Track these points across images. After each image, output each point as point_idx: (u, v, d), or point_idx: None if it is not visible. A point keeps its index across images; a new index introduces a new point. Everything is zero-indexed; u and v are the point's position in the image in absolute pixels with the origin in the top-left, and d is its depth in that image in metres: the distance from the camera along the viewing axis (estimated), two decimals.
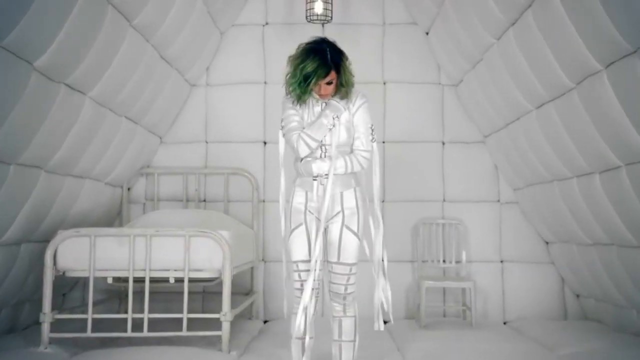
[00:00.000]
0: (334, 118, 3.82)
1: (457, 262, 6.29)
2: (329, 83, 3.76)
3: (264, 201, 6.41)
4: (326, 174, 3.84)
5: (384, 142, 6.46)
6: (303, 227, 3.88)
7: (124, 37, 4.65)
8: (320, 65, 3.67)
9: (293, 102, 3.88)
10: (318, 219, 3.89)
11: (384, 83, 6.51)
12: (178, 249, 4.73)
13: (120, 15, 4.49)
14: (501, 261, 6.40)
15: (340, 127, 3.86)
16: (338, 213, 3.90)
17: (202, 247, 4.75)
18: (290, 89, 3.78)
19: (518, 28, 4.70)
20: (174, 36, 5.35)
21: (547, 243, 6.33)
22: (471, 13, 5.20)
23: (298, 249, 3.89)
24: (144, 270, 4.70)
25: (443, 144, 6.49)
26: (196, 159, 6.44)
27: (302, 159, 3.87)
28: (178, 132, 6.48)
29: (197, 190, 6.32)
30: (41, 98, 4.09)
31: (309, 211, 3.90)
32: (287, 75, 3.80)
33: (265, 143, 6.49)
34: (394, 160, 6.42)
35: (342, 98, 3.88)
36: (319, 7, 5.88)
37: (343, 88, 3.83)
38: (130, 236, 4.71)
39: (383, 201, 6.45)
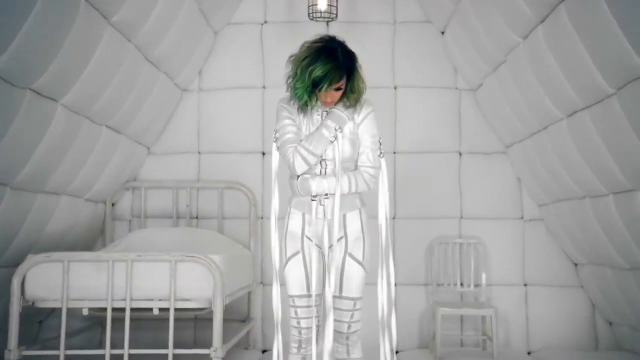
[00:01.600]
0: (336, 130, 3.43)
1: (476, 285, 5.89)
2: (337, 89, 3.38)
3: (262, 218, 6.01)
4: (327, 194, 3.45)
5: (395, 153, 6.08)
6: (300, 256, 3.52)
7: (101, 36, 4.21)
8: (333, 69, 3.29)
9: (291, 108, 3.50)
10: (318, 246, 3.50)
11: (395, 88, 6.14)
12: (163, 276, 4.35)
13: (96, 12, 4.06)
14: (525, 285, 6.01)
15: (343, 140, 3.48)
16: (341, 239, 3.53)
17: (191, 274, 4.36)
18: (297, 94, 3.38)
19: (549, 25, 4.27)
20: (161, 36, 4.94)
21: (576, 265, 5.92)
22: (494, 10, 4.78)
23: (295, 281, 3.51)
24: (125, 300, 4.31)
25: (460, 155, 6.10)
26: (188, 172, 6.07)
27: (298, 177, 3.49)
28: (168, 142, 6.11)
29: (188, 207, 5.95)
30: (1, 106, 3.66)
31: (307, 237, 3.52)
32: (289, 78, 3.41)
33: (264, 154, 6.11)
34: (405, 173, 6.05)
35: (348, 107, 3.47)
36: (322, 4, 5.49)
37: (353, 95, 3.44)
38: (109, 262, 4.31)
39: (394, 218, 6.05)
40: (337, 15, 5.60)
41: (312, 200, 3.47)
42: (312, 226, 3.49)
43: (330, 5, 5.50)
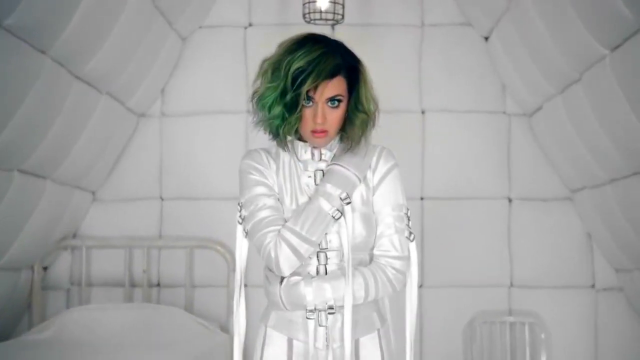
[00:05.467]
0: (342, 199, 2.36)
1: None
2: (334, 100, 2.34)
3: (246, 286, 4.90)
4: (331, 307, 2.37)
5: (421, 199, 5.19)
6: None
7: None
8: (323, 55, 2.29)
9: (264, 167, 2.48)
10: None
11: (423, 112, 5.27)
12: None
13: None
14: None
15: (353, 215, 2.41)
16: None
17: None
18: (266, 104, 2.34)
19: None
20: (94, 45, 3.89)
21: None
22: (568, 9, 3.71)
23: None
24: None
25: (509, 201, 5.22)
26: (146, 225, 5.21)
27: (282, 279, 2.41)
28: (119, 184, 5.22)
29: (145, 272, 5.01)
30: None
31: None
32: (255, 95, 2.39)
33: None
34: (436, 226, 5.19)
35: (351, 143, 2.42)
36: (323, 2, 4.53)
37: (359, 115, 2.39)
38: None
39: (421, 286, 5.12)
40: (343, 15, 4.67)
41: (308, 317, 2.39)
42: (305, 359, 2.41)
43: (334, 2, 4.52)
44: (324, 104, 2.31)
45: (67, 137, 4.19)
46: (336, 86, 2.31)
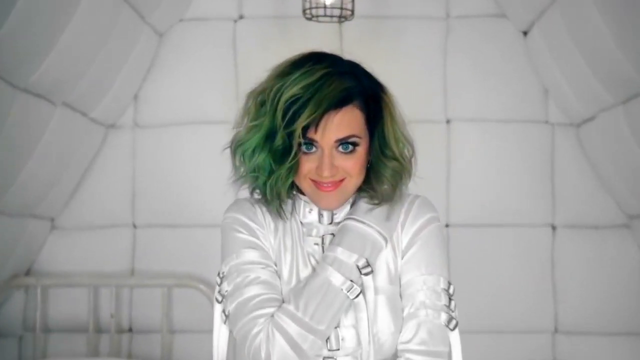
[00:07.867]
0: (359, 269, 1.87)
1: None
2: (346, 144, 1.83)
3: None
4: None
5: (447, 226, 4.83)
6: None
7: None
8: (328, 77, 1.83)
9: (255, 223, 2.04)
10: None
11: (448, 121, 4.92)
12: None
13: None
14: None
15: (376, 297, 1.90)
16: None
17: None
18: (246, 151, 1.89)
19: None
20: (40, 49, 3.40)
21: None
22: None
23: None
24: None
25: (553, 228, 4.85)
26: (115, 258, 4.85)
27: None
28: (83, 209, 4.85)
29: (114, 317, 4.61)
30: None
31: None
32: (233, 141, 1.93)
33: None
34: (464, 258, 4.83)
35: (380, 201, 1.96)
36: None
37: (386, 163, 1.92)
38: None
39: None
40: (352, 11, 4.29)
41: None
42: None
43: None
44: (332, 148, 1.80)
45: (13, 159, 3.74)
46: (348, 122, 1.80)
